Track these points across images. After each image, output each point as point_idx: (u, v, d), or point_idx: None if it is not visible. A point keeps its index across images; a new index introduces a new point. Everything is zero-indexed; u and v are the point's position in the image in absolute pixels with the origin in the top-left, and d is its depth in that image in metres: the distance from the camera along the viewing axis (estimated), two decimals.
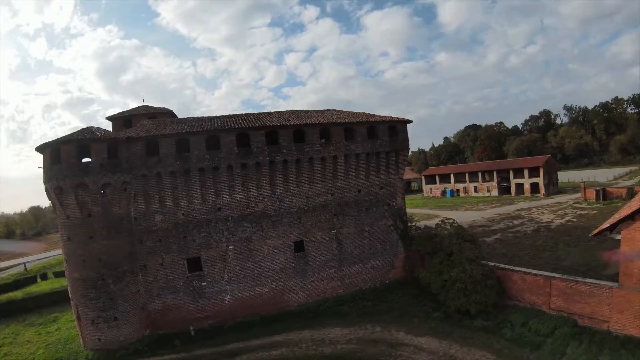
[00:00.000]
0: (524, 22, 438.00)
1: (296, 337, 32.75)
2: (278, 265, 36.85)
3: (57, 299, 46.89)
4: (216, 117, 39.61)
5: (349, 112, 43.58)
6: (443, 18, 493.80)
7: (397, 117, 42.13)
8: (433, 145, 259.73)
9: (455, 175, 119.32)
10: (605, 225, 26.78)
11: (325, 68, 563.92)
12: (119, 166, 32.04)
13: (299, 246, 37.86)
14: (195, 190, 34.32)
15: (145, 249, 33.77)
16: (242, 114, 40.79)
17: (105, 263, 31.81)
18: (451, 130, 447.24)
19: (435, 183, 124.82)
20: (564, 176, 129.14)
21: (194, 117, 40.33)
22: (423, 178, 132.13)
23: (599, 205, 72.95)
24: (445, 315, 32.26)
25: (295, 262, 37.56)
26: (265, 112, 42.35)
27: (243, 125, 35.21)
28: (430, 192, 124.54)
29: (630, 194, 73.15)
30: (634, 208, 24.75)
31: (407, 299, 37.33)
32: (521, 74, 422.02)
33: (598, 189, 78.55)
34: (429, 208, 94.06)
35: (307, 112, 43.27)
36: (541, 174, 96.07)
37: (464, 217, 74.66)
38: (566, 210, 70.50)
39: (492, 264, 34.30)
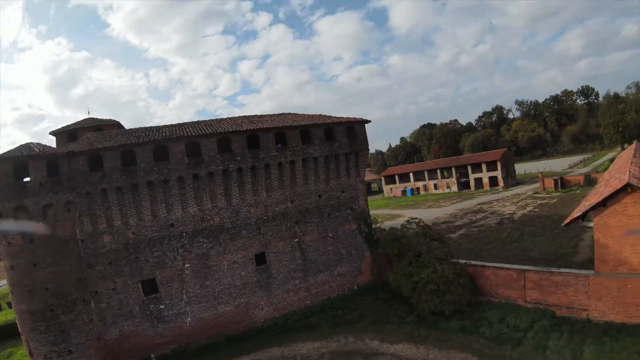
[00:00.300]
0: (473, 23, 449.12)
1: (264, 356, 30.50)
2: (240, 280, 34.52)
3: (12, 332, 42.68)
4: (165, 126, 37.14)
5: (305, 115, 41.87)
6: (394, 21, 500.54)
7: (355, 118, 40.65)
8: (390, 146, 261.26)
9: (415, 173, 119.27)
10: (577, 213, 25.94)
11: (280, 74, 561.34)
12: (60, 184, 28.94)
13: (260, 259, 35.66)
14: (144, 207, 31.68)
15: (95, 274, 30.76)
16: (192, 122, 38.41)
17: (53, 292, 28.60)
18: (407, 130, 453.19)
19: (395, 183, 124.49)
20: (520, 168, 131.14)
21: (141, 128, 37.51)
22: (383, 179, 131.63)
23: (558, 193, 73.56)
24: (419, 319, 30.68)
25: (258, 276, 35.34)
26: (217, 119, 40.17)
27: (193, 133, 32.78)
28: (391, 192, 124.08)
29: (588, 180, 74.23)
30: (605, 195, 23.99)
31: (378, 305, 35.71)
32: (472, 72, 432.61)
33: (556, 178, 79.38)
34: (391, 208, 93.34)
35: (261, 116, 41.25)
36: (499, 167, 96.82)
37: (426, 214, 74.17)
38: (527, 201, 70.77)
39: (463, 261, 33.06)
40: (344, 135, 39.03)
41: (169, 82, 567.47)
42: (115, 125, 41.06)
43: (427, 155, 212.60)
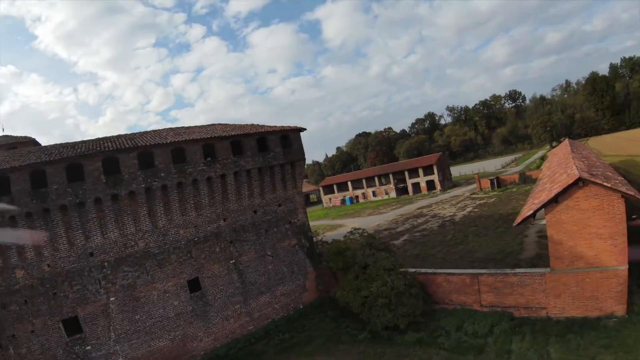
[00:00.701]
0: (404, 34, 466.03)
1: None
2: (173, 311, 30.79)
3: None
4: (81, 142, 33.02)
5: (236, 125, 39.07)
6: (327, 33, 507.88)
7: (290, 126, 38.15)
8: (327, 156, 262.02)
9: (353, 182, 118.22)
10: (528, 212, 24.67)
11: (214, 87, 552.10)
12: None
13: (194, 285, 32.10)
14: (58, 234, 27.45)
15: (10, 315, 26.33)
16: (111, 136, 34.28)
17: None
18: (343, 140, 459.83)
19: (333, 192, 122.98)
20: (455, 171, 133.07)
21: (54, 145, 32.96)
22: (321, 189, 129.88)
23: (495, 193, 74.05)
24: (373, 335, 28.28)
25: (193, 304, 31.75)
26: (139, 132, 36.53)
27: (110, 148, 28.96)
28: (330, 202, 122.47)
29: (523, 178, 75.17)
30: (556, 190, 22.84)
31: (327, 324, 32.95)
32: (404, 81, 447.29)
33: (492, 178, 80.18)
34: (331, 218, 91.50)
35: (188, 128, 37.97)
36: (435, 171, 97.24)
37: (367, 222, 72.87)
38: (466, 202, 70.70)
39: (413, 270, 30.98)
40: (278, 145, 36.43)
41: (99, 98, 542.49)
42: (30, 142, 37.03)
43: (364, 164, 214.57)
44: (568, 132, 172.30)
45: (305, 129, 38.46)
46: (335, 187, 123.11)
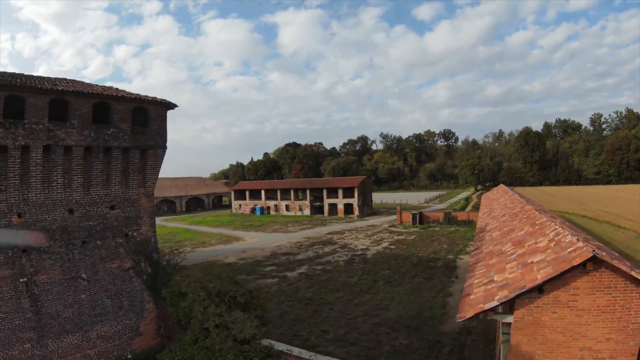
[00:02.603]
0: (356, 57, 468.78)
1: None
2: None
3: None
4: None
5: (75, 81, 26.77)
6: (282, 39, 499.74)
7: (152, 97, 26.41)
8: (252, 159, 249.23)
9: (267, 191, 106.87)
10: (488, 303, 13.76)
11: (156, 67, 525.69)
12: None
13: None
14: None
15: None
16: None
17: None
18: (273, 147, 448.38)
19: (245, 199, 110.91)
20: (377, 197, 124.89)
21: None
22: (232, 193, 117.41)
23: (416, 229, 65.22)
24: None
25: None
26: None
27: None
28: (240, 209, 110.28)
29: (448, 218, 66.69)
30: (545, 275, 12.45)
31: None
32: (346, 102, 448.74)
33: (415, 212, 71.38)
34: (232, 228, 79.42)
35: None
36: (356, 194, 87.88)
37: (269, 240, 62.20)
38: (382, 235, 61.15)
39: (281, 347, 18.72)
40: (127, 119, 24.38)
41: (36, 51, 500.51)
42: None
43: (288, 174, 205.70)
44: (494, 179, 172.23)
45: (176, 105, 26.89)
46: (247, 193, 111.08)
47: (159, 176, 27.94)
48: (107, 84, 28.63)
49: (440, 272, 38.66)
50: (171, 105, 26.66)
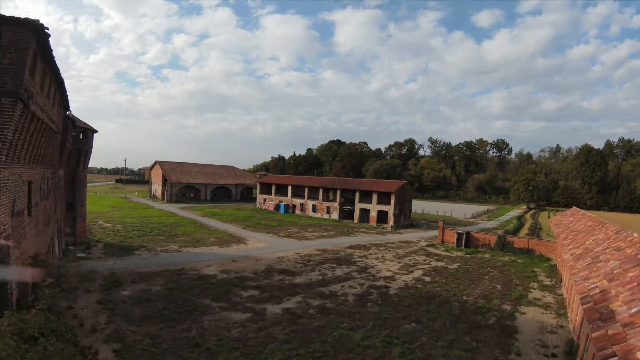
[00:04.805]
0: (411, 61, 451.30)
1: None
2: None
3: None
4: None
5: None
6: (339, 38, 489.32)
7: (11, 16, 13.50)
8: (294, 154, 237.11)
9: (294, 187, 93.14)
10: None
11: (213, 58, 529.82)
12: None
13: None
14: None
15: None
16: None
17: None
18: (320, 144, 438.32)
19: (271, 194, 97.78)
20: (418, 206, 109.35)
21: None
22: (258, 186, 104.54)
23: (460, 253, 50.17)
24: None
25: None
26: None
27: None
28: (264, 204, 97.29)
29: (502, 243, 51.24)
30: None
31: None
32: (397, 105, 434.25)
33: (460, 231, 55.82)
34: (243, 226, 66.06)
35: None
36: (392, 201, 72.98)
37: (275, 247, 48.99)
38: (417, 258, 46.45)
39: None
40: None
41: (97, 34, 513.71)
42: None
43: (329, 172, 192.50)
44: (548, 197, 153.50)
45: (48, 35, 14.33)
46: (274, 188, 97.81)
47: (184, 160, 15.06)
48: (165, 71, 16.52)
49: (491, 338, 24.10)
50: (42, 32, 13.68)
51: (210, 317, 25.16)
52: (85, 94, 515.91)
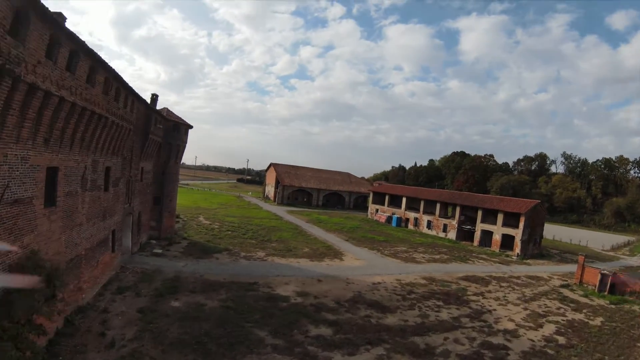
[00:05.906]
0: (541, 69, 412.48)
1: None
2: None
3: None
4: None
5: None
6: (464, 46, 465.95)
7: None
8: (415, 164, 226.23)
9: (409, 199, 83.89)
10: None
11: (338, 68, 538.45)
12: None
13: None
14: None
15: None
16: None
17: None
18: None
19: (383, 204, 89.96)
20: (549, 231, 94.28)
21: None
22: (371, 195, 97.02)
23: (603, 302, 38.79)
24: None
25: None
26: None
27: None
28: (375, 215, 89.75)
29: None
30: None
31: None
32: (526, 117, 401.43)
33: (605, 272, 43.61)
34: (345, 237, 59.24)
35: None
36: (521, 224, 61.43)
37: (374, 268, 41.96)
38: (548, 304, 36.05)
39: None
40: None
41: (230, 47, 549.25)
42: None
43: (450, 185, 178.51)
44: None
45: None
46: (387, 198, 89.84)
47: (298, 164, 10.27)
48: (293, 81, 12.87)
49: None
50: None
51: None
52: (220, 100, 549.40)
